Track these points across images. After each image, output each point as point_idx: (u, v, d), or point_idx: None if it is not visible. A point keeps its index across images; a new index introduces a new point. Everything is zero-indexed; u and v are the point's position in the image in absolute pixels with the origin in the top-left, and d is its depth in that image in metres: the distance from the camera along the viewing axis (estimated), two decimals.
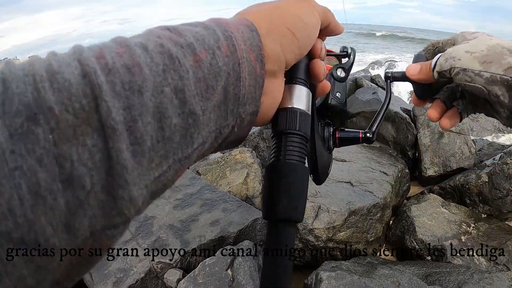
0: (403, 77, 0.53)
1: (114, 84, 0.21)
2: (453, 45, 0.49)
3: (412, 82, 0.52)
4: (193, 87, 0.25)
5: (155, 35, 0.25)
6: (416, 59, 0.53)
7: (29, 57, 0.22)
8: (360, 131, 0.49)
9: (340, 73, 0.47)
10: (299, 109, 0.34)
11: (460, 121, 0.52)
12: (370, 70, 6.87)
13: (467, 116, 0.52)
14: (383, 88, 4.69)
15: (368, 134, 0.49)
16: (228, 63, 0.27)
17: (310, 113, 0.36)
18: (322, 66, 0.36)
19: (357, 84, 4.16)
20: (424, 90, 0.52)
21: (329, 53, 0.50)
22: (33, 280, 0.19)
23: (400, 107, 3.31)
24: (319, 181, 0.45)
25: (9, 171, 0.18)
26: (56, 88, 0.19)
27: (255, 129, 3.25)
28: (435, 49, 0.53)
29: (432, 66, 0.48)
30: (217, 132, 0.28)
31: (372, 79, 5.17)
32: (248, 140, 3.19)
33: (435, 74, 0.47)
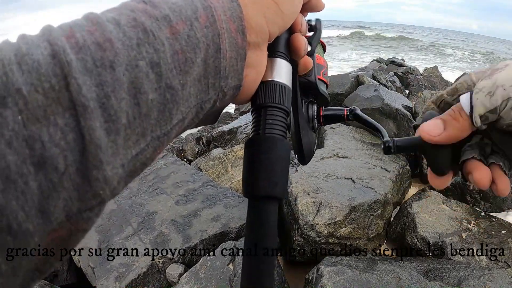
0: (412, 144, 0.38)
1: (85, 61, 0.20)
2: (470, 86, 0.36)
3: (426, 149, 0.37)
4: (169, 60, 0.24)
5: (129, 8, 0.24)
6: (428, 117, 0.38)
7: None
8: (345, 108, 0.47)
9: None
10: (278, 81, 0.33)
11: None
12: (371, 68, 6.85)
13: (509, 173, 0.37)
14: (385, 85, 4.68)
15: (354, 111, 0.47)
16: (207, 34, 0.26)
17: (290, 87, 0.34)
18: (303, 41, 0.35)
19: (358, 81, 4.15)
20: (445, 156, 0.37)
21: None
22: (7, 266, 0.19)
23: (402, 104, 3.31)
24: (304, 161, 0.44)
25: None
26: (25, 70, 0.19)
27: None
28: (439, 105, 0.40)
29: (467, 110, 0.34)
30: (198, 107, 0.27)
31: (374, 76, 5.16)
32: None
33: (477, 120, 0.33)
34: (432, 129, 0.35)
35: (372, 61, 8.10)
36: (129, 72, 0.22)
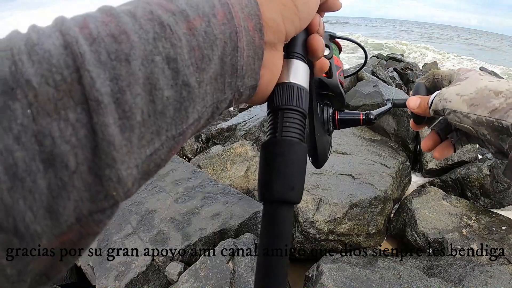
0: (403, 105, 0.57)
1: (99, 53, 0.19)
2: (449, 82, 0.53)
3: None
4: (186, 56, 0.23)
5: (145, 1, 0.23)
6: (416, 89, 0.57)
7: None
8: (361, 112, 0.48)
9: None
10: (296, 83, 0.32)
11: (454, 152, 0.55)
12: (371, 64, 6.81)
13: (461, 147, 0.55)
14: (384, 81, 4.66)
15: (370, 116, 0.48)
16: (225, 31, 0.25)
17: (308, 89, 0.34)
18: (320, 42, 0.34)
19: (358, 77, 4.13)
20: (421, 118, 0.56)
21: (344, 38, 0.48)
22: (13, 270, 0.18)
23: None
24: (318, 164, 0.44)
25: None
26: (35, 60, 0.18)
27: (256, 122, 3.24)
28: (434, 79, 0.57)
29: (429, 103, 0.52)
30: (214, 106, 0.26)
31: (373, 72, 5.14)
32: (249, 133, 3.19)
33: (431, 112, 0.51)
34: (412, 104, 0.55)
35: (372, 56, 8.06)
36: (145, 66, 0.21)
